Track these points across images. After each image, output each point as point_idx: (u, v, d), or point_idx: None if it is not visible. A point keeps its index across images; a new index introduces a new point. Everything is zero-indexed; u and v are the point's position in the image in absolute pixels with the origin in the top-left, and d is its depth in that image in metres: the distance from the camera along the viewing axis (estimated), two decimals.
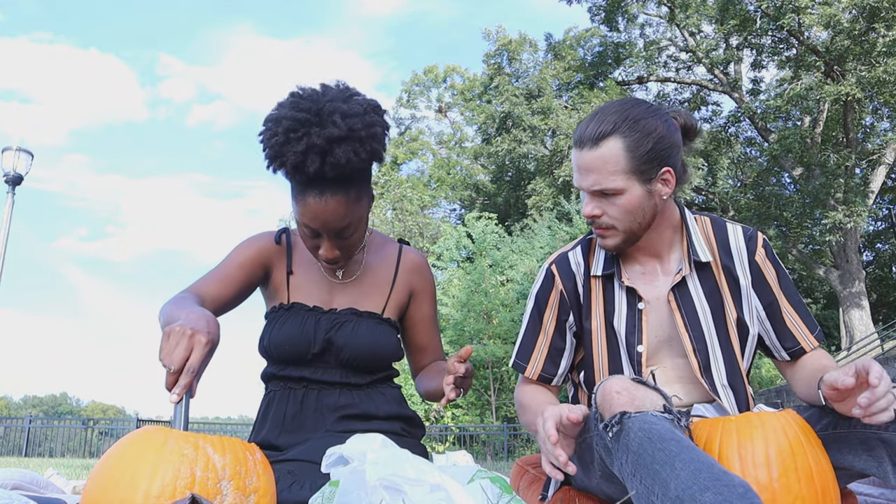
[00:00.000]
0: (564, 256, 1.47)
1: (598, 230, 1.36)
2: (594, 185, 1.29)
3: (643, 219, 1.32)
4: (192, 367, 1.03)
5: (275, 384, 1.45)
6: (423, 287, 1.57)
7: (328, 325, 1.41)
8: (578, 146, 1.32)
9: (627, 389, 1.02)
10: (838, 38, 15.63)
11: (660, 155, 1.29)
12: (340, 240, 1.35)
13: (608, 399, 1.02)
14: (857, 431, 1.12)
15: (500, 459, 13.54)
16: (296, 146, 1.22)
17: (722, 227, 1.43)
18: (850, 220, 15.69)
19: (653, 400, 1.01)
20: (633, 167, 1.28)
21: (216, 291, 1.38)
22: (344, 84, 1.34)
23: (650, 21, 22.50)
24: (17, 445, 14.48)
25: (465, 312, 16.51)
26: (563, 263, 1.46)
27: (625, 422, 0.97)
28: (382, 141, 1.30)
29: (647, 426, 0.95)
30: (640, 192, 1.29)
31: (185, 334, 1.05)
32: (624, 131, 1.28)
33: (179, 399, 1.03)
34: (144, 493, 0.88)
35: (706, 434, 1.12)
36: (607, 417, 1.01)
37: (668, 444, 0.91)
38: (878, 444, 1.09)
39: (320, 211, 1.29)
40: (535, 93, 23.99)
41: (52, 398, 78.43)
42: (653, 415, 0.97)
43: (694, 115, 1.51)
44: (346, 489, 0.97)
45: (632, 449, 0.94)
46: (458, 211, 29.42)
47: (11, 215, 10.42)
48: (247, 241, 1.49)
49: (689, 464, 0.87)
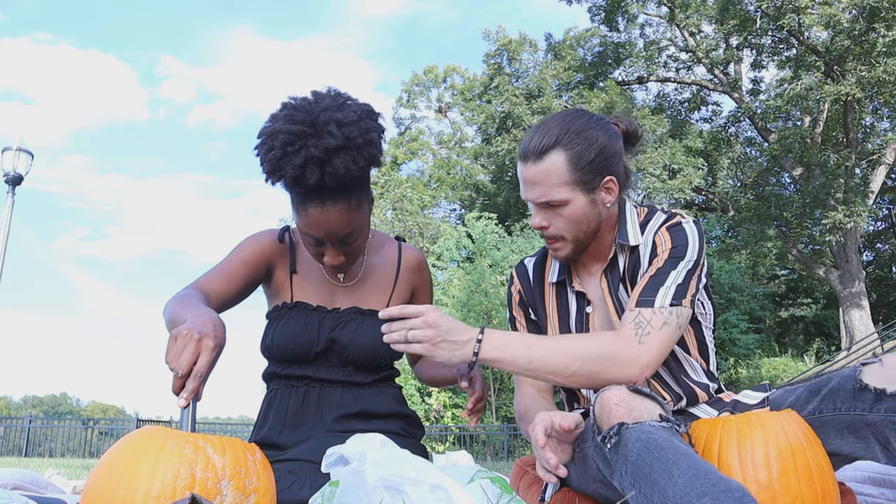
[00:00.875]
0: (522, 263, 1.58)
1: (549, 241, 1.40)
2: (540, 197, 1.33)
3: (588, 227, 1.36)
4: (200, 371, 1.03)
5: (276, 383, 1.45)
6: (423, 285, 1.60)
7: (332, 323, 1.42)
8: (523, 160, 1.35)
9: (625, 401, 1.04)
10: (838, 38, 15.62)
11: (602, 165, 1.33)
12: (345, 246, 1.35)
13: (606, 411, 1.04)
14: (842, 415, 1.13)
15: (500, 459, 13.55)
16: (294, 159, 1.22)
17: (652, 212, 1.43)
18: (850, 220, 15.69)
19: (650, 409, 1.02)
20: (577, 178, 1.31)
21: (220, 288, 1.38)
22: (335, 90, 1.34)
23: (650, 21, 22.49)
24: (17, 445, 14.48)
25: (465, 312, 16.51)
26: (521, 270, 1.58)
27: (623, 433, 0.99)
28: (379, 146, 1.31)
29: (644, 436, 0.96)
30: (584, 201, 1.33)
31: (193, 338, 1.04)
32: (566, 143, 1.31)
33: (187, 404, 1.02)
34: (144, 493, 0.88)
35: (706, 435, 1.12)
36: (605, 429, 1.02)
37: (666, 452, 0.92)
38: (864, 426, 1.10)
39: (323, 221, 1.29)
40: (535, 93, 23.98)
41: (52, 398, 78.40)
42: (650, 424, 0.98)
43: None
44: (345, 489, 0.97)
45: (630, 459, 0.96)
46: (458, 211, 29.41)
47: (11, 215, 10.42)
48: (250, 239, 1.49)
49: (686, 471, 0.88)
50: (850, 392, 1.12)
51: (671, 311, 1.24)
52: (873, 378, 1.10)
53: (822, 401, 1.17)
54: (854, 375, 1.13)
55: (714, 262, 16.95)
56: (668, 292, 1.25)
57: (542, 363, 1.19)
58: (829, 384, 1.18)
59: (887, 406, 1.05)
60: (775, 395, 1.34)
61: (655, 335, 1.21)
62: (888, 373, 1.08)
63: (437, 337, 1.17)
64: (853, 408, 1.11)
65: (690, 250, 1.30)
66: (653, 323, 1.22)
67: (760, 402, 1.34)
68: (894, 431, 1.05)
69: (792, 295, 24.43)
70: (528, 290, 1.54)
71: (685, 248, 1.30)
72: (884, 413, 1.06)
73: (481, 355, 1.19)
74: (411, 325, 1.18)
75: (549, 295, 1.50)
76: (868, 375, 1.11)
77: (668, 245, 1.31)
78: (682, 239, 1.32)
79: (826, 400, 1.16)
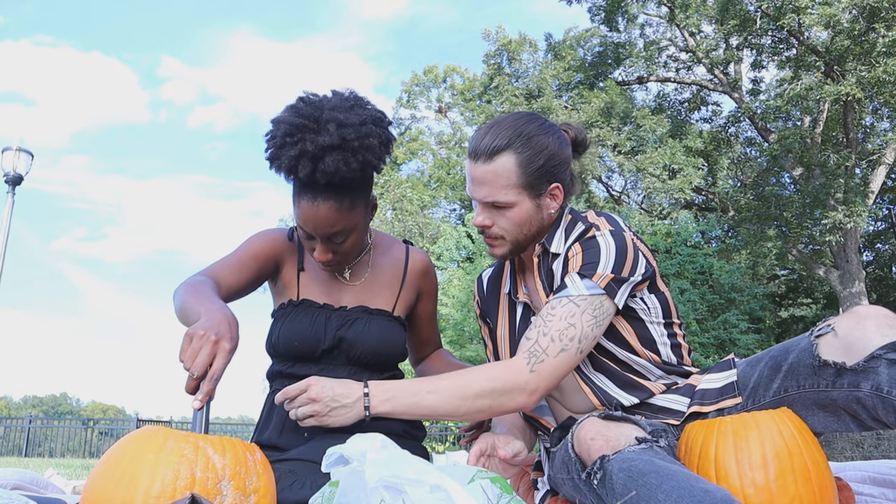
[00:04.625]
0: (480, 276, 1.64)
1: (488, 239, 1.42)
2: (486, 197, 1.35)
3: (530, 230, 1.39)
4: (216, 374, 1.03)
5: (280, 382, 1.45)
6: (429, 287, 1.62)
7: (339, 321, 1.43)
8: (473, 158, 1.36)
9: (600, 433, 1.05)
10: (838, 38, 15.61)
11: (550, 171, 1.35)
12: (333, 244, 1.37)
13: (584, 447, 1.06)
14: (806, 392, 1.13)
15: None
16: (290, 150, 1.26)
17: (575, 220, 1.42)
18: (850, 221, 15.66)
19: (626, 434, 1.04)
20: (525, 182, 1.33)
21: (231, 279, 1.39)
22: (354, 93, 1.36)
23: (650, 21, 22.47)
24: (17, 445, 14.48)
25: (465, 312, 16.49)
26: (479, 282, 1.64)
27: (605, 466, 1.00)
28: (377, 152, 1.32)
29: (626, 465, 0.97)
30: (530, 206, 1.36)
31: (210, 340, 1.04)
32: (517, 147, 1.32)
33: (202, 406, 1.02)
34: (144, 493, 0.88)
35: (702, 436, 1.12)
36: (588, 465, 1.04)
37: (648, 477, 0.94)
38: (830, 402, 1.09)
39: (311, 215, 1.31)
40: (535, 93, 23.95)
41: (52, 398, 78.33)
42: (629, 451, 1.00)
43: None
44: (345, 489, 0.97)
45: (617, 491, 0.97)
46: (458, 211, 29.37)
47: (11, 215, 10.42)
48: (261, 234, 1.50)
49: (670, 493, 0.90)
50: (810, 368, 1.11)
51: (572, 335, 1.23)
52: (830, 351, 1.09)
53: (784, 378, 1.17)
54: (811, 350, 1.12)
55: (714, 262, 16.94)
56: None
57: (432, 408, 1.20)
58: (789, 359, 1.17)
59: (849, 381, 1.05)
60: (741, 373, 1.31)
61: (549, 363, 1.21)
62: (843, 342, 1.07)
63: (325, 408, 1.19)
64: (815, 384, 1.10)
65: (602, 266, 1.27)
66: (549, 351, 1.22)
67: (726, 386, 1.32)
68: (860, 405, 1.04)
69: (792, 295, 24.41)
70: (484, 301, 1.58)
71: (595, 266, 1.28)
72: (847, 389, 1.05)
73: (373, 411, 1.20)
74: (298, 403, 1.20)
75: (502, 306, 1.53)
76: (825, 349, 1.10)
77: (578, 262, 1.30)
78: (593, 255, 1.29)
79: (788, 377, 1.16)
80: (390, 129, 1.36)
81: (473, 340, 16.35)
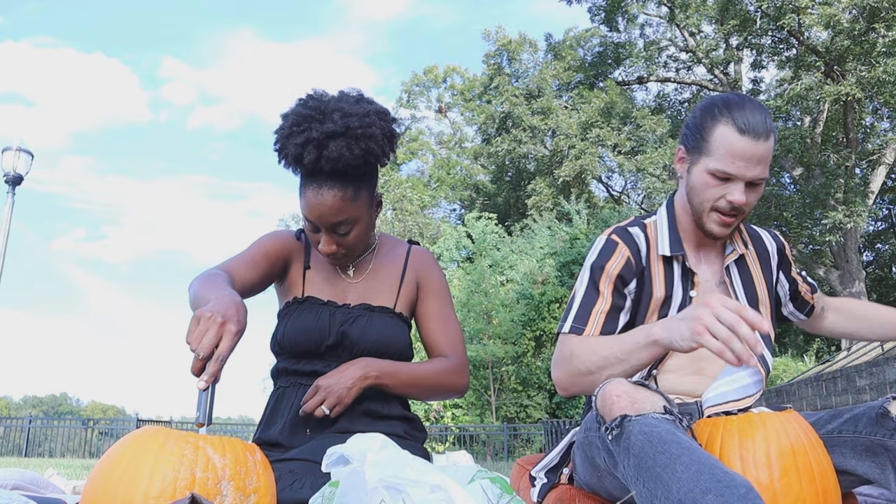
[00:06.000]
0: (625, 230, 1.48)
1: (729, 215, 1.39)
2: (761, 174, 1.37)
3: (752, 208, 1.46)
4: (222, 355, 1.03)
5: (284, 380, 1.46)
6: (430, 282, 1.59)
7: (342, 318, 1.44)
8: (754, 137, 1.33)
9: (627, 392, 1.03)
10: (838, 38, 15.62)
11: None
12: (337, 235, 1.40)
13: (608, 403, 1.03)
14: (861, 438, 1.15)
15: (500, 459, 13.55)
16: (296, 139, 1.32)
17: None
18: (850, 221, 15.68)
19: (653, 402, 1.01)
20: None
21: (246, 275, 1.41)
22: (359, 92, 1.43)
23: (650, 21, 22.50)
24: (17, 445, 14.48)
25: (465, 312, 16.51)
26: (626, 235, 1.46)
27: (625, 425, 0.98)
28: (380, 141, 1.36)
29: (647, 429, 0.95)
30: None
31: (216, 321, 1.04)
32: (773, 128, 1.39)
33: (207, 387, 1.02)
34: (144, 493, 0.88)
35: (707, 434, 1.12)
36: (608, 421, 1.01)
37: (669, 446, 0.91)
38: (882, 450, 1.11)
39: (316, 204, 1.35)
40: (535, 93, 23.99)
41: (52, 398, 78.40)
42: (653, 417, 0.97)
43: None
44: (346, 489, 0.97)
45: (633, 452, 0.95)
46: (458, 211, 29.42)
47: (11, 215, 10.42)
48: (271, 234, 1.54)
49: (690, 466, 0.87)
50: (873, 418, 1.14)
51: None
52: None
53: (843, 423, 1.19)
54: (880, 404, 1.15)
55: None
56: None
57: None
58: (854, 410, 1.20)
59: None
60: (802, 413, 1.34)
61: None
62: None
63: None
64: (874, 432, 1.13)
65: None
66: None
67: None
68: None
69: None
70: (638, 258, 1.43)
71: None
72: None
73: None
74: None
75: (655, 268, 1.44)
76: (894, 407, 1.13)
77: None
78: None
79: (848, 423, 1.18)
80: (394, 125, 1.39)
81: (473, 340, 16.36)
